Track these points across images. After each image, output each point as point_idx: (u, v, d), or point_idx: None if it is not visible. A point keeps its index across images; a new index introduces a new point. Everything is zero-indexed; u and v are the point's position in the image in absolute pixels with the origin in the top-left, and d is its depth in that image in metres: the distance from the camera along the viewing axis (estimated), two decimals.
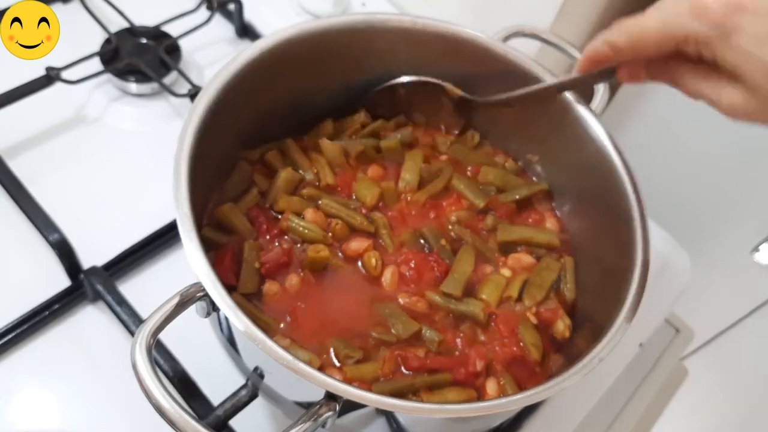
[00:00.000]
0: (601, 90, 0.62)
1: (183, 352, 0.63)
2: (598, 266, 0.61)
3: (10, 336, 0.63)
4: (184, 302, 0.44)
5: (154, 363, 0.42)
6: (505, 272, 0.62)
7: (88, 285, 0.65)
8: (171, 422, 0.41)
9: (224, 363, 0.58)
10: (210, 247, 0.54)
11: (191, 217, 0.46)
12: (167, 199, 0.48)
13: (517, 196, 0.66)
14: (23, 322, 0.63)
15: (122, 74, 0.81)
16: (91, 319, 0.67)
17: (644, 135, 1.05)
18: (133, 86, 0.82)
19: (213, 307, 0.47)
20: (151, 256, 0.70)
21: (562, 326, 0.59)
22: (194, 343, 0.61)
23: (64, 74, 0.77)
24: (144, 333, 0.43)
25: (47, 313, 0.64)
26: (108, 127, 0.80)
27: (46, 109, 0.78)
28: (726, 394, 1.17)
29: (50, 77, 0.76)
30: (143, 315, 0.65)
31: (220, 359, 0.58)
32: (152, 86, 0.82)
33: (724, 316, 1.07)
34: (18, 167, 0.72)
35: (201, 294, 0.45)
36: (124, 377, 0.44)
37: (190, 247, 0.45)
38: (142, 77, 0.81)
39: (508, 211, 0.65)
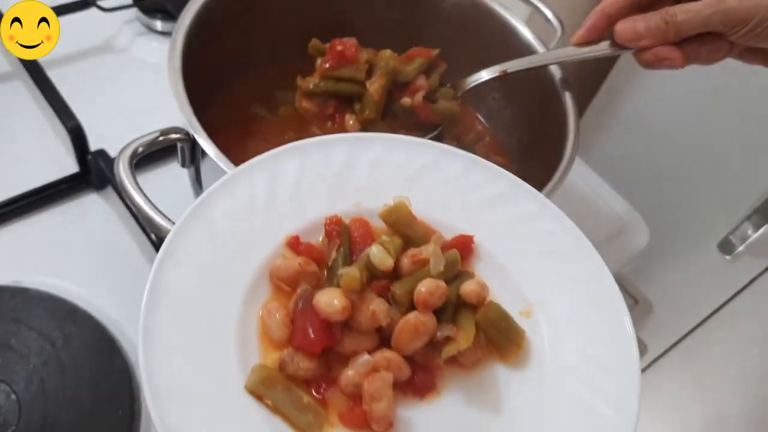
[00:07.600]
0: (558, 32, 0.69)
1: None
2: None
3: (17, 204, 0.70)
4: (164, 135, 0.52)
5: (136, 177, 0.49)
6: None
7: (94, 168, 0.72)
8: (157, 229, 0.48)
9: None
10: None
11: (181, 67, 0.54)
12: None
13: None
14: (32, 194, 0.71)
15: (149, 12, 0.91)
16: (95, 206, 0.73)
17: (624, 131, 1.11)
18: (158, 24, 0.91)
19: (192, 156, 0.55)
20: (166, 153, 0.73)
21: None
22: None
23: (100, 1, 0.86)
24: (126, 153, 0.50)
25: (54, 191, 0.72)
26: (133, 59, 0.89)
27: (80, 30, 0.86)
28: (695, 393, 1.19)
29: (87, 2, 0.85)
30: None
31: None
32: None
33: (696, 312, 1.10)
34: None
35: (181, 136, 0.53)
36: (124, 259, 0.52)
37: (178, 88, 0.53)
38: (167, 16, 0.90)
39: None
